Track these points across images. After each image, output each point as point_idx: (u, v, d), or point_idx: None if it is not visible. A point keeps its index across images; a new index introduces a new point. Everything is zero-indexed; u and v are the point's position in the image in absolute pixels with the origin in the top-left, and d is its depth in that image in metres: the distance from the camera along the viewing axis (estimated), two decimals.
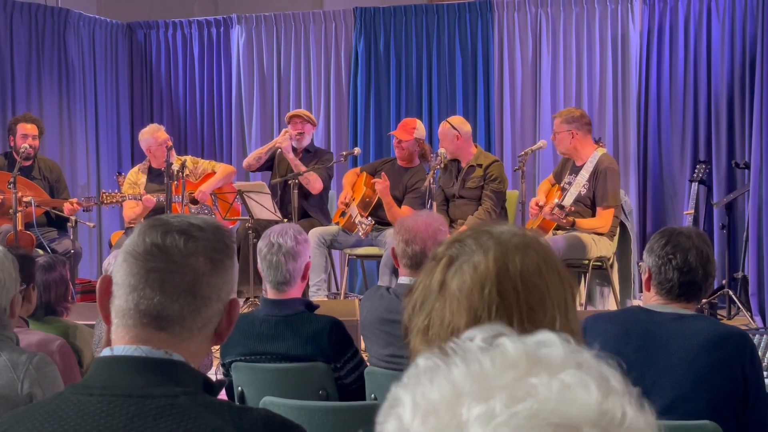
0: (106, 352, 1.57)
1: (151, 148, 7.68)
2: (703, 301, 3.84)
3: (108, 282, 1.61)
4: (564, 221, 6.42)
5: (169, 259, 1.57)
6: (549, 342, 0.78)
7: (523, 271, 1.40)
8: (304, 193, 7.57)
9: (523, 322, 1.37)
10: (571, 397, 0.72)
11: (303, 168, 7.53)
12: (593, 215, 6.65)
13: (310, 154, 7.84)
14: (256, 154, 7.96)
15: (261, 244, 3.68)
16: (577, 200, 6.63)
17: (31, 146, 7.37)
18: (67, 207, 7.34)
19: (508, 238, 1.43)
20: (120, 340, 1.57)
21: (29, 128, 7.45)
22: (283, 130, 7.87)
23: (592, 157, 6.68)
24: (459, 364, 0.75)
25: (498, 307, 1.37)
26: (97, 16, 9.49)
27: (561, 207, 6.42)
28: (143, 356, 1.54)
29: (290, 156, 7.59)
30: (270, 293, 3.71)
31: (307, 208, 7.60)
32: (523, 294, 1.38)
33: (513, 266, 1.40)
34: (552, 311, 1.40)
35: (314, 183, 7.58)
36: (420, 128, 7.52)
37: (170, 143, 7.46)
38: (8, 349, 2.88)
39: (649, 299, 3.07)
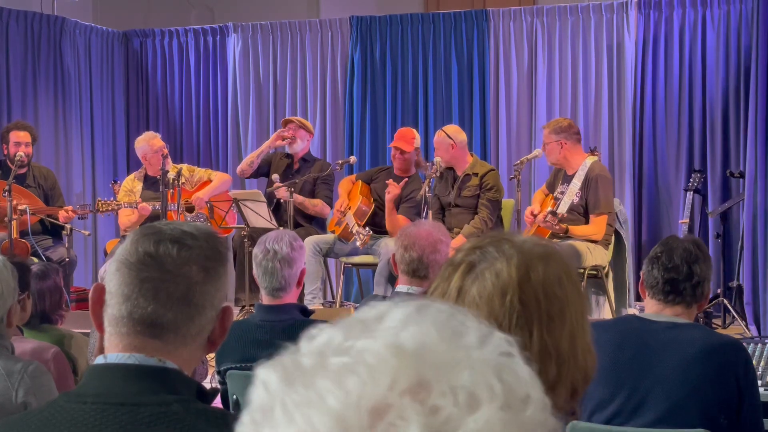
0: (99, 359, 1.57)
1: (146, 155, 7.67)
2: (698, 311, 3.84)
3: (101, 290, 1.61)
4: (557, 228, 6.45)
5: (163, 269, 1.57)
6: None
7: (545, 280, 1.39)
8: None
9: (543, 332, 1.37)
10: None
11: (309, 206, 7.57)
12: (587, 223, 6.67)
13: (307, 164, 7.83)
14: (248, 159, 7.97)
15: (256, 250, 3.69)
16: (571, 209, 6.64)
17: (24, 154, 7.35)
18: (62, 215, 7.33)
19: (531, 247, 1.43)
20: (113, 348, 1.57)
21: (22, 135, 7.43)
22: (275, 133, 7.90)
23: (582, 165, 6.70)
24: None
25: (519, 316, 1.37)
26: (93, 24, 9.49)
27: (554, 214, 6.44)
28: (137, 364, 1.54)
29: (299, 199, 7.54)
30: (265, 299, 3.71)
31: (298, 218, 7.57)
32: (544, 303, 1.38)
33: (535, 275, 1.39)
34: (570, 322, 1.40)
35: (323, 210, 7.68)
36: (418, 138, 7.57)
37: (166, 151, 7.46)
38: (4, 358, 2.88)
39: (646, 307, 3.08)
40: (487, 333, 0.75)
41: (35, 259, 6.70)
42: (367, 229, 7.05)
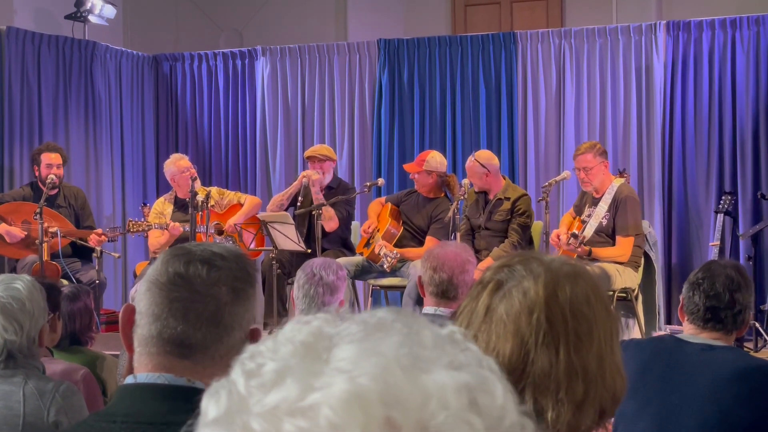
0: (129, 379, 1.58)
1: (174, 177, 7.71)
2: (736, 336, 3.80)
3: (131, 311, 1.62)
4: (579, 250, 6.42)
5: (192, 289, 1.58)
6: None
7: (572, 299, 1.39)
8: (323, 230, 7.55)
9: (570, 352, 1.36)
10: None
11: (324, 211, 7.48)
12: (614, 245, 6.64)
13: (332, 191, 7.76)
14: (278, 200, 7.81)
15: (300, 273, 3.68)
16: (599, 230, 6.62)
17: (56, 176, 7.42)
18: (93, 238, 7.37)
19: (559, 266, 1.43)
20: (143, 368, 1.58)
21: (53, 158, 7.50)
22: (301, 175, 7.77)
23: (610, 188, 6.69)
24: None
25: (545, 334, 1.37)
26: (123, 49, 9.59)
27: (575, 236, 6.43)
28: (166, 384, 1.55)
29: (314, 189, 7.56)
30: None
31: (325, 244, 7.50)
32: (571, 323, 1.38)
33: (563, 294, 1.39)
34: (599, 342, 1.39)
35: (329, 222, 7.49)
36: (431, 160, 7.36)
37: (195, 173, 7.50)
38: (35, 378, 2.90)
39: (685, 329, 3.06)
40: (448, 347, 0.69)
41: (65, 282, 6.74)
42: (396, 252, 7.04)
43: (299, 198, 7.66)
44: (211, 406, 0.69)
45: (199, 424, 0.70)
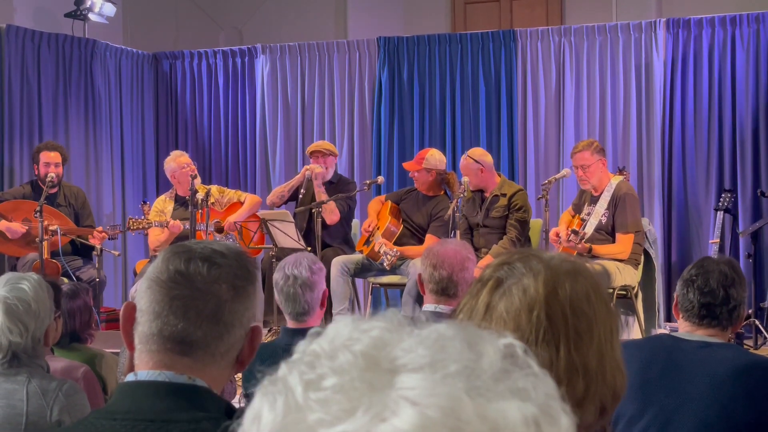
0: (129, 377, 1.58)
1: (174, 173, 7.72)
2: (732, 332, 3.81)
3: (131, 308, 1.62)
4: (579, 247, 6.43)
5: (193, 286, 1.58)
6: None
7: (572, 296, 1.39)
8: (324, 223, 7.58)
9: (570, 349, 1.36)
10: None
11: (325, 197, 7.52)
12: (614, 243, 6.65)
13: (333, 185, 7.80)
14: (279, 192, 7.90)
15: (276, 276, 3.67)
16: (598, 228, 6.62)
17: (55, 174, 7.41)
18: (95, 236, 7.38)
19: (558, 264, 1.42)
20: (143, 366, 1.58)
21: (52, 156, 7.50)
22: (304, 168, 7.82)
23: (608, 185, 6.70)
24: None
25: (545, 332, 1.37)
26: (123, 47, 9.58)
27: (575, 233, 6.43)
28: (167, 381, 1.55)
29: (317, 182, 7.58)
30: (290, 323, 3.71)
31: (326, 239, 7.55)
32: (571, 320, 1.38)
33: (563, 291, 1.39)
34: (599, 339, 1.39)
35: (330, 215, 7.51)
36: (431, 158, 7.38)
37: (195, 170, 7.50)
38: (39, 377, 2.91)
39: (680, 327, 3.06)
40: (511, 368, 0.68)
41: (65, 280, 6.75)
42: (395, 250, 7.04)
43: (301, 190, 7.67)
44: (265, 409, 0.68)
45: (248, 422, 0.68)
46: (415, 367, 0.66)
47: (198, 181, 7.40)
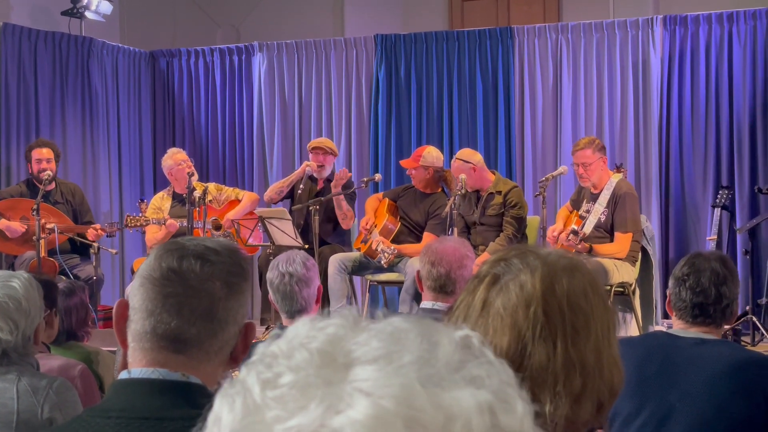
0: (123, 375, 1.58)
1: (171, 170, 7.73)
2: (727, 327, 3.81)
3: (125, 306, 1.61)
4: (579, 247, 6.42)
5: (186, 284, 1.58)
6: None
7: (569, 292, 1.39)
8: (328, 218, 7.58)
9: (567, 345, 1.36)
10: None
11: (345, 204, 7.55)
12: (612, 241, 6.64)
13: (331, 183, 7.80)
14: (277, 187, 7.93)
15: (271, 275, 3.65)
16: (597, 226, 6.62)
17: (49, 170, 7.38)
18: (91, 233, 7.37)
19: (555, 260, 1.42)
20: (137, 363, 1.58)
21: (44, 152, 7.48)
22: (304, 163, 7.85)
23: (608, 183, 6.69)
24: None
25: (542, 327, 1.36)
26: (120, 45, 9.57)
27: (575, 233, 6.43)
28: (160, 378, 1.55)
29: (336, 189, 7.55)
30: (286, 321, 3.70)
31: (324, 236, 7.55)
32: (568, 315, 1.38)
33: (560, 287, 1.39)
34: (596, 335, 1.39)
35: (349, 221, 7.64)
36: (428, 155, 7.39)
37: (192, 168, 7.49)
38: (29, 375, 2.90)
39: (674, 324, 3.06)
40: (466, 358, 0.69)
41: (63, 278, 6.74)
42: (393, 248, 7.04)
43: (299, 187, 7.67)
44: (225, 411, 0.68)
45: (210, 426, 0.69)
46: (369, 359, 0.67)
47: (195, 178, 7.40)
